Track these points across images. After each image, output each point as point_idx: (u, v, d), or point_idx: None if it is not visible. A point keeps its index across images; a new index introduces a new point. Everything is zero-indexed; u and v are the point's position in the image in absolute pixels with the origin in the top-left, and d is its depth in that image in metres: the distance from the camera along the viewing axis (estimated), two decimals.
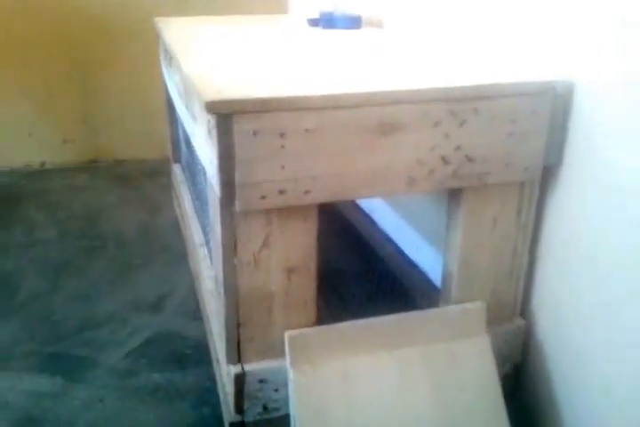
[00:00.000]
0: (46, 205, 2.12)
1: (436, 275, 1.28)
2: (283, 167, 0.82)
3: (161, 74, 1.69)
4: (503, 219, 0.98)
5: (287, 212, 0.87)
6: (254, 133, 0.79)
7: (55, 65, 2.35)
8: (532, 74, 0.95)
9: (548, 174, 0.97)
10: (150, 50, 1.95)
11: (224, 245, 0.87)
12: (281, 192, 0.83)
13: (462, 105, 0.86)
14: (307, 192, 0.84)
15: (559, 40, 0.94)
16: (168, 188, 2.14)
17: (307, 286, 0.93)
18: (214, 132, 0.79)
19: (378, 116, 0.83)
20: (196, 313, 1.46)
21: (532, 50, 1.01)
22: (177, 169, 1.92)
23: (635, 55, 0.80)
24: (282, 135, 0.80)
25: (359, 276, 1.40)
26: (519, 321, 1.08)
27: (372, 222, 1.64)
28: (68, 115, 2.43)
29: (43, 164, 2.46)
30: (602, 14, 0.85)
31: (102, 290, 1.58)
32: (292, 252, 0.90)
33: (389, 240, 1.53)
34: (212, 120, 0.79)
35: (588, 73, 0.88)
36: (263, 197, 0.83)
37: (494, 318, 1.04)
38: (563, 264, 0.99)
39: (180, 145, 1.87)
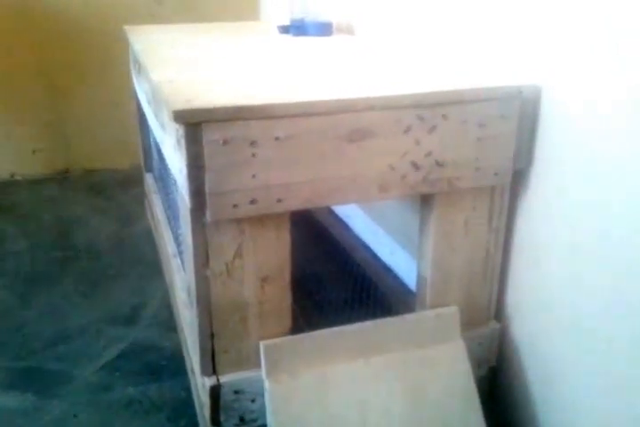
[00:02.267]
0: (16, 216, 2.08)
1: (410, 279, 1.28)
2: (254, 176, 0.81)
3: (131, 82, 1.67)
4: (475, 223, 0.98)
5: (259, 220, 0.86)
6: (224, 142, 0.78)
7: (24, 73, 2.31)
8: (499, 78, 0.96)
9: (518, 178, 0.98)
10: (121, 57, 1.93)
11: (196, 256, 0.86)
12: (253, 201, 0.82)
13: (431, 111, 0.86)
14: (279, 200, 0.84)
15: (526, 45, 0.95)
16: (141, 197, 2.12)
17: (281, 295, 0.92)
18: (183, 142, 0.78)
19: (348, 123, 0.83)
20: (170, 324, 1.44)
21: (499, 55, 1.02)
22: (149, 178, 1.90)
23: (600, 60, 0.81)
24: (252, 144, 0.80)
25: (335, 281, 1.40)
26: (494, 324, 1.08)
27: (346, 228, 1.64)
28: (37, 124, 2.39)
29: (12, 175, 2.42)
30: (568, 19, 0.86)
31: (75, 302, 1.56)
32: (265, 261, 0.89)
33: (364, 245, 1.53)
34: (181, 129, 0.78)
35: (555, 77, 0.89)
36: (235, 207, 0.82)
37: (469, 321, 1.04)
38: (535, 267, 0.99)
39: (151, 154, 1.85)
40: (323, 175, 0.84)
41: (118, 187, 2.34)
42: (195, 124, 0.76)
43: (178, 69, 1.05)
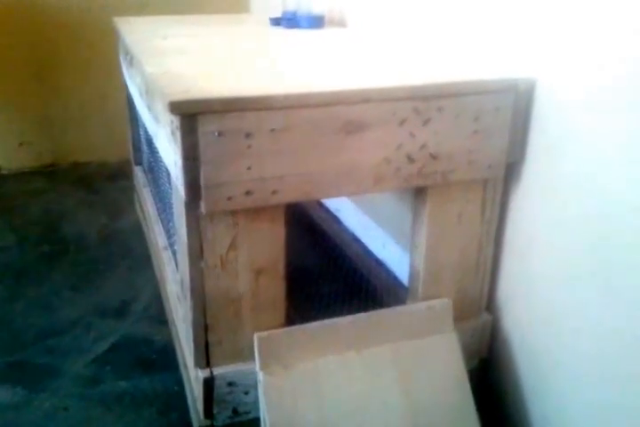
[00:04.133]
0: (3, 210, 2.06)
1: (402, 272, 1.28)
2: (249, 168, 0.81)
3: (121, 74, 1.66)
4: (468, 216, 0.99)
5: (254, 213, 0.86)
6: (219, 134, 0.78)
7: (10, 65, 2.28)
8: (494, 71, 0.96)
9: (511, 171, 0.99)
10: (109, 50, 1.91)
11: (190, 248, 0.86)
12: (248, 193, 0.82)
13: (427, 103, 0.86)
14: (274, 192, 0.83)
15: (520, 37, 0.95)
16: (129, 190, 2.11)
17: (275, 288, 0.92)
18: (178, 134, 0.77)
19: (344, 115, 0.83)
20: (161, 317, 1.44)
21: (493, 47, 1.02)
22: (139, 171, 1.89)
23: (594, 52, 0.82)
24: (248, 135, 0.79)
25: (326, 275, 1.40)
26: (485, 316, 1.09)
27: (337, 221, 1.64)
28: (24, 116, 2.36)
29: None
30: (562, 12, 0.87)
31: (64, 296, 1.55)
32: (259, 253, 0.89)
33: (355, 239, 1.54)
34: (176, 121, 0.77)
35: (549, 70, 0.90)
36: (229, 199, 0.82)
37: (461, 313, 1.05)
38: (527, 259, 1.00)
39: (141, 147, 1.84)
40: (318, 167, 0.84)
41: (106, 180, 2.33)
42: (190, 115, 0.76)
43: (171, 61, 1.04)
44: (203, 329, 0.92)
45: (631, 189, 0.79)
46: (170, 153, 0.86)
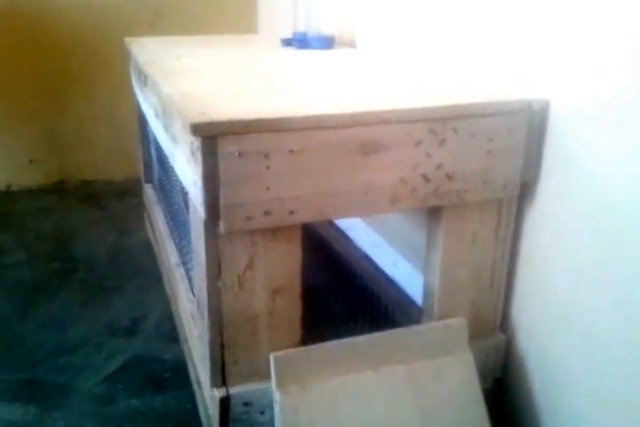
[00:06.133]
0: (13, 227, 2.07)
1: (413, 291, 1.29)
2: (268, 188, 0.82)
3: (130, 93, 1.68)
4: (482, 235, 0.99)
5: (271, 232, 0.87)
6: (239, 155, 0.79)
7: (21, 84, 2.31)
8: (508, 92, 0.97)
9: (525, 190, 0.99)
10: (118, 69, 1.93)
11: (208, 268, 0.87)
12: (266, 213, 0.83)
13: (442, 124, 0.87)
14: (292, 212, 0.84)
15: (533, 58, 0.97)
16: (138, 208, 2.12)
17: (291, 307, 0.93)
18: (198, 154, 0.78)
19: (361, 137, 0.84)
20: (172, 335, 1.44)
21: (507, 68, 1.03)
22: (149, 189, 1.90)
23: (608, 74, 0.83)
24: (266, 156, 0.80)
25: (336, 293, 1.40)
26: (499, 336, 1.09)
27: (347, 240, 1.65)
28: (33, 134, 2.39)
29: (8, 186, 2.41)
30: (576, 33, 0.88)
31: (75, 314, 1.55)
32: (276, 272, 0.90)
33: (366, 257, 1.54)
34: (196, 142, 0.78)
35: (563, 90, 0.91)
36: (249, 219, 0.82)
37: (475, 333, 1.05)
38: (541, 279, 1.01)
39: (152, 165, 1.85)
40: (335, 188, 0.85)
41: (114, 198, 2.34)
42: (211, 136, 0.77)
43: (187, 82, 1.05)
44: (219, 348, 0.92)
45: None
46: (189, 173, 0.87)
